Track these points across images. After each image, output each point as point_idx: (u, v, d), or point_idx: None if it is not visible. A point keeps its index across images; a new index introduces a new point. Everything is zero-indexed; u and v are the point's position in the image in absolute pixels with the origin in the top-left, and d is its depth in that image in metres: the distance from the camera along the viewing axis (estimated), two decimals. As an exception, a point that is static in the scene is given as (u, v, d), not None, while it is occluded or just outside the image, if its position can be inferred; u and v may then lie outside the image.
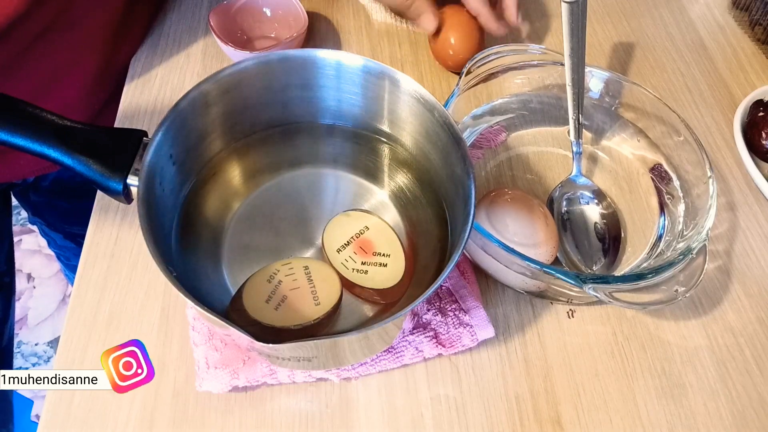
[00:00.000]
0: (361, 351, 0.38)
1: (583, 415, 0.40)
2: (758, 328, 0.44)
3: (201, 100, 0.37)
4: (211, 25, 0.54)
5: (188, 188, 0.40)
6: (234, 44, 0.53)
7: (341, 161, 0.45)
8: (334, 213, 0.41)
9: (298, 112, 0.43)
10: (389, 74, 0.39)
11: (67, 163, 0.33)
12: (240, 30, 0.58)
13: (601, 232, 0.47)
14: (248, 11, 0.58)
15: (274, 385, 0.40)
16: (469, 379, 0.41)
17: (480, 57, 0.50)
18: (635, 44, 0.62)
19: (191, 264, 0.38)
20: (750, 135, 0.53)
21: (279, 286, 0.37)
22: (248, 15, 0.58)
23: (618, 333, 0.44)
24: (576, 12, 0.43)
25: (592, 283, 0.38)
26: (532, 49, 0.52)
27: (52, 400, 0.39)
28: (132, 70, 0.56)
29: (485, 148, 0.51)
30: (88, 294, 0.43)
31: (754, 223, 0.50)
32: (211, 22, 0.54)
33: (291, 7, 0.57)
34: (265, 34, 0.59)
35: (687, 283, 0.40)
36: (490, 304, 0.44)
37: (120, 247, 0.45)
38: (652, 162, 0.50)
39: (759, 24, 0.63)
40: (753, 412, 0.41)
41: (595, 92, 0.52)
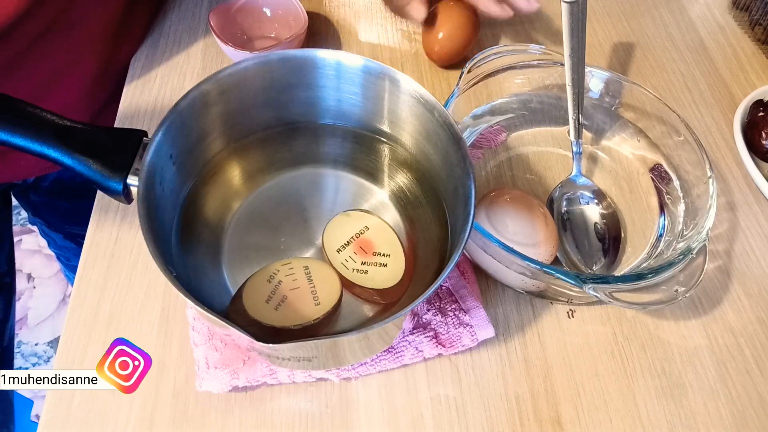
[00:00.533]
0: (361, 351, 0.38)
1: (583, 415, 0.40)
2: (758, 328, 0.44)
3: (201, 100, 0.37)
4: (211, 25, 0.54)
5: (188, 188, 0.40)
6: (234, 44, 0.53)
7: (341, 161, 0.45)
8: (334, 213, 0.41)
9: (298, 112, 0.43)
10: (389, 74, 0.39)
11: (67, 163, 0.33)
12: (240, 30, 0.58)
13: (601, 232, 0.47)
14: (248, 11, 0.58)
15: (274, 385, 0.40)
16: (469, 379, 0.41)
17: (480, 57, 0.50)
18: (635, 44, 0.62)
19: (191, 264, 0.38)
20: (750, 135, 0.53)
21: (279, 286, 0.37)
22: (248, 15, 0.58)
23: (618, 333, 0.44)
24: (576, 12, 0.43)
25: (592, 283, 0.38)
26: (532, 49, 0.52)
27: (52, 400, 0.39)
28: (132, 70, 0.56)
29: (485, 148, 0.51)
30: (88, 294, 0.43)
31: (754, 223, 0.50)
32: (211, 22, 0.54)
33: (291, 7, 0.57)
34: (265, 34, 0.59)
35: (687, 283, 0.40)
36: (490, 304, 0.44)
37: (120, 247, 0.45)
38: (652, 162, 0.50)
39: (759, 24, 0.63)
40: (753, 412, 0.41)
41: (595, 92, 0.52)
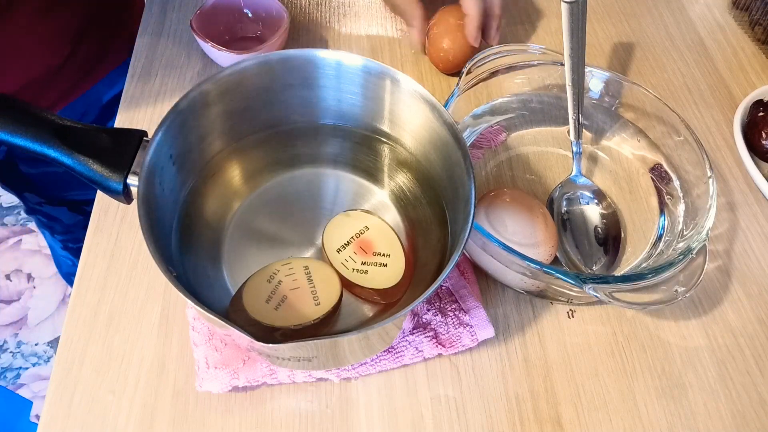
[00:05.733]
0: (361, 351, 0.38)
1: (583, 415, 0.40)
2: (758, 328, 0.44)
3: (201, 100, 0.37)
4: (194, 28, 0.53)
5: (188, 188, 0.40)
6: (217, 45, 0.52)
7: (341, 161, 0.45)
8: (334, 213, 0.41)
9: (298, 112, 0.43)
10: (389, 74, 0.39)
11: (67, 163, 0.33)
12: (222, 31, 0.57)
13: (601, 232, 0.47)
14: (229, 12, 0.57)
15: (274, 385, 0.40)
16: (469, 379, 0.41)
17: (480, 57, 0.50)
18: (635, 44, 0.62)
19: (191, 264, 0.38)
20: (750, 135, 0.53)
21: (279, 286, 0.37)
22: (230, 16, 0.57)
23: (618, 333, 0.44)
24: (576, 12, 0.43)
25: (592, 283, 0.38)
26: (532, 49, 0.52)
27: (52, 400, 0.39)
28: (132, 70, 0.56)
29: (485, 148, 0.51)
30: (88, 294, 0.43)
31: (754, 223, 0.50)
32: (193, 25, 0.53)
33: (272, 6, 0.57)
34: (248, 35, 0.58)
35: (687, 283, 0.40)
36: (490, 304, 0.44)
37: (120, 247, 0.45)
38: (652, 162, 0.50)
39: (759, 24, 0.63)
40: (753, 412, 0.41)
41: (595, 92, 0.52)
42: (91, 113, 0.66)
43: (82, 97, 0.64)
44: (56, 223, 0.75)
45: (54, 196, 0.71)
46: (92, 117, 0.66)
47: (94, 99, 0.65)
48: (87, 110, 0.66)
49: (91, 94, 0.65)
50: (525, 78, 0.53)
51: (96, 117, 0.66)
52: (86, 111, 0.66)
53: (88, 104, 0.65)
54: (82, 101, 0.64)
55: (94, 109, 0.65)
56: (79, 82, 0.63)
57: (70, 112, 0.64)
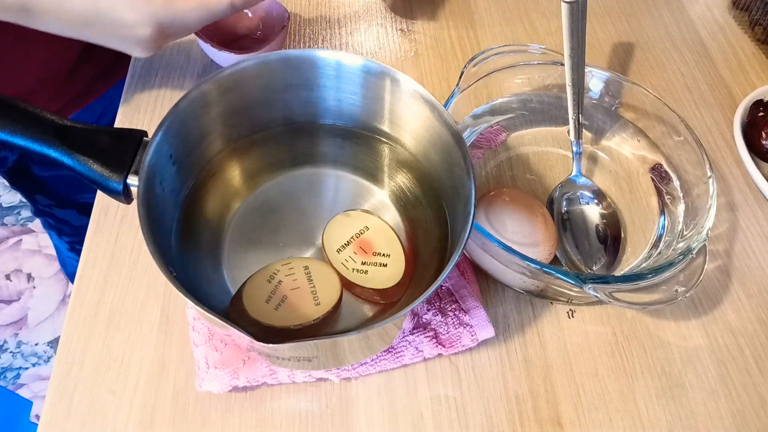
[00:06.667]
0: (361, 351, 0.38)
1: (583, 415, 0.40)
2: (758, 328, 0.44)
3: (201, 100, 0.37)
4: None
5: (188, 188, 0.40)
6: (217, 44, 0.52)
7: (341, 161, 0.45)
8: (334, 213, 0.41)
9: (298, 112, 0.43)
10: (389, 74, 0.39)
11: (67, 163, 0.33)
12: (222, 31, 0.57)
13: (601, 232, 0.47)
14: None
15: (274, 385, 0.40)
16: (469, 379, 0.41)
17: (480, 57, 0.50)
18: (635, 44, 0.62)
19: (191, 264, 0.38)
20: (750, 135, 0.53)
21: (279, 286, 0.37)
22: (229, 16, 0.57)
23: (618, 333, 0.44)
24: (576, 12, 0.43)
25: (592, 283, 0.38)
26: (532, 49, 0.52)
27: (52, 401, 0.39)
28: (132, 70, 0.56)
29: (485, 148, 0.51)
30: (88, 294, 0.43)
31: (754, 223, 0.50)
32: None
33: (272, 6, 0.56)
34: (249, 34, 0.58)
35: (687, 283, 0.40)
36: (490, 304, 0.44)
37: (120, 247, 0.45)
38: (652, 162, 0.50)
39: (759, 24, 0.63)
40: (753, 412, 0.41)
41: (595, 92, 0.52)
42: (108, 115, 0.66)
43: (99, 99, 0.65)
44: (65, 225, 0.76)
45: (65, 198, 0.72)
46: (109, 119, 0.66)
47: (110, 101, 0.65)
48: (104, 112, 0.66)
49: (108, 96, 0.66)
50: (525, 78, 0.53)
51: (112, 119, 0.66)
52: (103, 113, 0.66)
53: (105, 106, 0.66)
54: (99, 103, 0.65)
55: (111, 111, 0.66)
56: (95, 83, 0.64)
57: (87, 113, 0.65)
